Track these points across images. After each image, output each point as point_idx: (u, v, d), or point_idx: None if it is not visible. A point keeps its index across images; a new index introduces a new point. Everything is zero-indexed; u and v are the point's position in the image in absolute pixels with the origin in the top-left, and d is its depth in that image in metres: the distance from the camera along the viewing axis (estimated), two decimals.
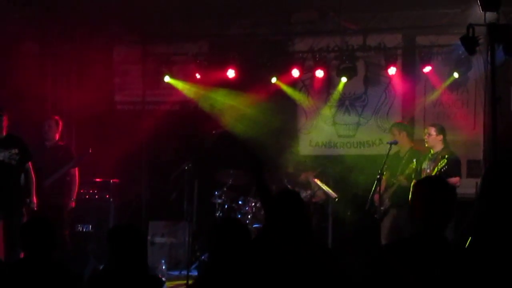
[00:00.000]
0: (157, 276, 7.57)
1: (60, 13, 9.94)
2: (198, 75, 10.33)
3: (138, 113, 10.86)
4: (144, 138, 10.59)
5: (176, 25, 10.48)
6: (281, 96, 10.37)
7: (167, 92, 10.72)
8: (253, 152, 8.16)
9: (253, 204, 9.37)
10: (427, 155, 8.32)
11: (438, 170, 7.81)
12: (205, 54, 10.54)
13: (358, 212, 8.82)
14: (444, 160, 7.81)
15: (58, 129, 8.97)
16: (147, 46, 10.70)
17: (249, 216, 9.33)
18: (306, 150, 10.52)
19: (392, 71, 9.73)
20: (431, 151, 8.29)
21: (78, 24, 10.39)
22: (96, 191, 9.94)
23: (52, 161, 8.74)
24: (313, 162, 10.17)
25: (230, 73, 10.11)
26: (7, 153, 7.75)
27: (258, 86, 10.23)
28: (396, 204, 8.35)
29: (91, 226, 9.74)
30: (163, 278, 8.03)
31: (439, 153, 8.14)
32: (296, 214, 4.56)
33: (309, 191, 9.63)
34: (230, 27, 10.40)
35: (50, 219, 4.79)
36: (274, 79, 10.15)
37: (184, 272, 8.68)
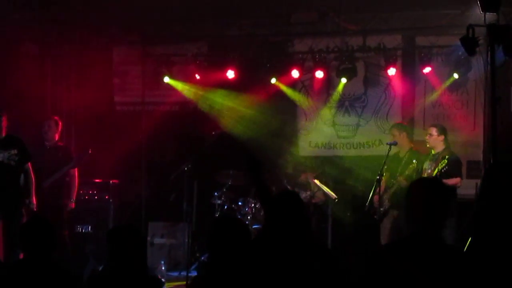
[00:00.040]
0: (156, 277, 7.56)
1: (59, 14, 9.93)
2: (198, 76, 10.32)
3: (138, 113, 10.85)
4: (143, 138, 10.59)
5: (176, 25, 10.47)
6: (280, 97, 10.37)
7: (167, 92, 10.72)
8: (251, 153, 8.18)
9: (252, 205, 9.36)
10: (429, 155, 8.32)
11: (438, 170, 7.80)
12: (204, 55, 10.53)
13: (358, 213, 8.83)
14: (445, 160, 7.81)
15: (58, 129, 8.97)
16: (147, 47, 10.69)
17: (248, 217, 9.33)
18: (305, 151, 10.51)
19: (391, 71, 9.72)
20: (432, 152, 8.29)
21: (78, 25, 10.39)
22: (95, 192, 9.94)
23: (52, 161, 8.74)
24: (312, 163, 10.17)
25: (229, 73, 10.10)
26: (6, 153, 7.75)
27: (257, 87, 10.22)
28: (396, 205, 8.35)
29: (90, 227, 9.74)
30: (162, 279, 8.03)
31: (440, 153, 8.13)
32: (295, 214, 4.56)
33: (308, 192, 9.63)
34: (229, 28, 10.39)
35: (50, 219, 4.78)
36: (274, 80, 10.14)
37: (184, 273, 8.68)
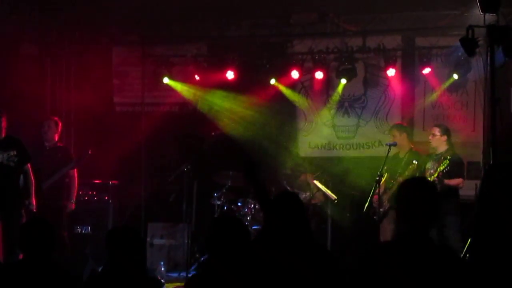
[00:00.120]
0: (156, 277, 7.55)
1: (59, 14, 9.93)
2: (197, 77, 10.32)
3: (137, 114, 10.84)
4: (143, 139, 10.58)
5: (175, 26, 10.47)
6: (280, 98, 10.36)
7: (166, 93, 10.71)
8: (248, 155, 8.20)
9: (252, 205, 9.36)
10: (431, 155, 8.32)
11: (440, 171, 7.80)
12: (204, 56, 10.52)
13: (357, 214, 8.82)
14: (446, 161, 7.79)
15: (58, 130, 8.96)
16: (146, 48, 10.68)
17: (248, 218, 9.32)
18: (305, 152, 10.50)
19: (391, 72, 9.71)
20: (435, 152, 8.28)
21: (77, 25, 10.38)
22: (95, 193, 9.93)
23: (51, 162, 8.74)
24: (312, 164, 10.17)
25: (229, 74, 10.09)
26: (6, 154, 7.73)
27: (257, 88, 10.21)
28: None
29: (90, 228, 9.73)
30: (162, 280, 8.01)
31: (442, 154, 8.14)
32: (295, 215, 4.55)
33: (308, 193, 9.63)
34: (229, 29, 10.39)
35: (49, 220, 4.77)
36: (273, 81, 10.14)
37: (183, 273, 8.68)
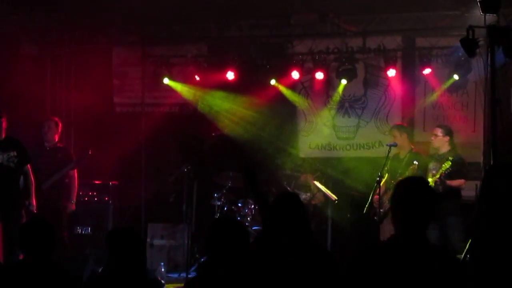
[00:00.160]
0: (156, 278, 7.55)
1: (59, 15, 9.92)
2: (197, 77, 10.31)
3: (137, 115, 10.83)
4: (143, 140, 10.58)
5: (175, 27, 10.46)
6: (280, 98, 10.35)
7: (166, 94, 10.70)
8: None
9: (252, 206, 9.35)
10: (434, 156, 8.31)
11: (442, 172, 7.79)
12: (204, 56, 10.51)
13: (358, 214, 8.81)
14: (448, 162, 7.79)
15: (58, 130, 8.96)
16: (146, 48, 10.68)
17: (248, 218, 9.32)
18: (305, 152, 10.50)
19: (391, 73, 9.70)
20: (438, 152, 8.28)
21: (77, 26, 10.38)
22: (95, 193, 9.93)
23: (51, 163, 8.74)
24: (312, 164, 10.16)
25: (229, 75, 10.08)
26: (6, 155, 7.73)
27: (257, 88, 10.21)
28: None
29: (90, 229, 9.73)
30: (162, 281, 8.01)
31: (445, 154, 8.13)
32: (295, 216, 4.55)
33: (308, 193, 9.63)
34: (229, 29, 10.38)
35: (49, 221, 4.76)
36: (273, 81, 10.13)
37: (183, 274, 8.67)
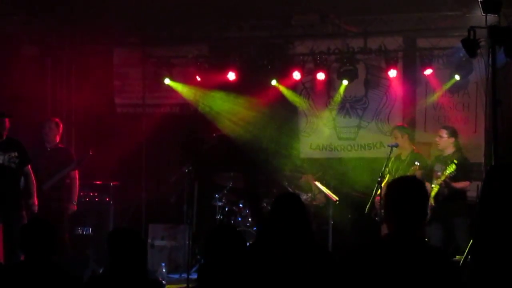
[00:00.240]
0: (157, 279, 7.56)
1: (59, 16, 9.92)
2: (198, 78, 10.31)
3: (138, 115, 10.83)
4: (144, 140, 10.57)
5: (176, 27, 10.45)
6: (281, 99, 10.35)
7: (167, 94, 10.71)
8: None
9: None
10: (439, 157, 8.30)
11: (447, 175, 7.78)
12: (205, 57, 10.51)
13: (359, 215, 8.81)
14: (453, 165, 7.76)
15: (59, 131, 8.96)
16: (147, 49, 10.68)
17: (249, 219, 9.32)
18: (306, 153, 10.49)
19: (392, 73, 9.70)
20: (443, 154, 8.27)
21: (78, 27, 10.37)
22: (96, 194, 9.93)
23: (52, 163, 8.73)
24: (313, 165, 10.15)
25: (230, 75, 10.08)
26: (7, 156, 7.75)
27: (258, 89, 10.21)
28: None
29: (91, 229, 9.73)
30: (163, 281, 8.02)
31: (450, 156, 8.12)
32: (296, 217, 4.55)
33: (309, 194, 9.62)
34: (230, 30, 10.36)
35: (50, 221, 4.76)
36: (274, 82, 10.13)
37: (184, 275, 8.66)
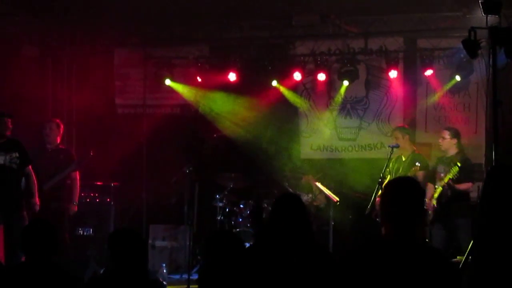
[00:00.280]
0: (158, 280, 7.56)
1: (60, 16, 9.92)
2: (199, 78, 10.31)
3: (139, 116, 10.83)
4: (144, 141, 10.58)
5: (177, 28, 10.46)
6: (282, 100, 10.35)
7: (168, 95, 10.71)
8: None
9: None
10: (442, 158, 8.30)
11: (451, 177, 7.78)
12: (206, 57, 10.51)
13: (359, 216, 8.80)
14: (456, 168, 7.75)
15: (60, 132, 8.95)
16: (148, 49, 10.68)
17: (250, 220, 9.31)
18: (307, 154, 10.49)
19: (393, 74, 9.70)
20: (446, 155, 8.27)
21: (79, 27, 10.38)
22: (96, 195, 9.92)
23: (53, 164, 8.73)
24: (314, 166, 10.15)
25: (231, 76, 10.08)
26: (8, 156, 7.76)
27: (259, 90, 10.21)
28: None
29: (91, 230, 9.72)
30: (163, 282, 8.02)
31: (452, 157, 8.12)
32: (297, 217, 4.55)
33: (310, 195, 9.61)
34: (231, 30, 10.37)
35: (51, 222, 4.76)
36: (275, 83, 10.13)
37: (185, 275, 8.66)
